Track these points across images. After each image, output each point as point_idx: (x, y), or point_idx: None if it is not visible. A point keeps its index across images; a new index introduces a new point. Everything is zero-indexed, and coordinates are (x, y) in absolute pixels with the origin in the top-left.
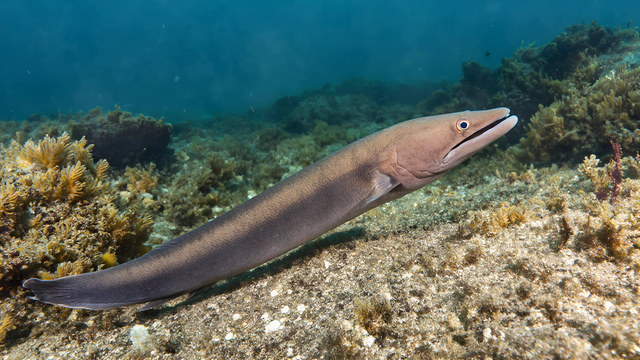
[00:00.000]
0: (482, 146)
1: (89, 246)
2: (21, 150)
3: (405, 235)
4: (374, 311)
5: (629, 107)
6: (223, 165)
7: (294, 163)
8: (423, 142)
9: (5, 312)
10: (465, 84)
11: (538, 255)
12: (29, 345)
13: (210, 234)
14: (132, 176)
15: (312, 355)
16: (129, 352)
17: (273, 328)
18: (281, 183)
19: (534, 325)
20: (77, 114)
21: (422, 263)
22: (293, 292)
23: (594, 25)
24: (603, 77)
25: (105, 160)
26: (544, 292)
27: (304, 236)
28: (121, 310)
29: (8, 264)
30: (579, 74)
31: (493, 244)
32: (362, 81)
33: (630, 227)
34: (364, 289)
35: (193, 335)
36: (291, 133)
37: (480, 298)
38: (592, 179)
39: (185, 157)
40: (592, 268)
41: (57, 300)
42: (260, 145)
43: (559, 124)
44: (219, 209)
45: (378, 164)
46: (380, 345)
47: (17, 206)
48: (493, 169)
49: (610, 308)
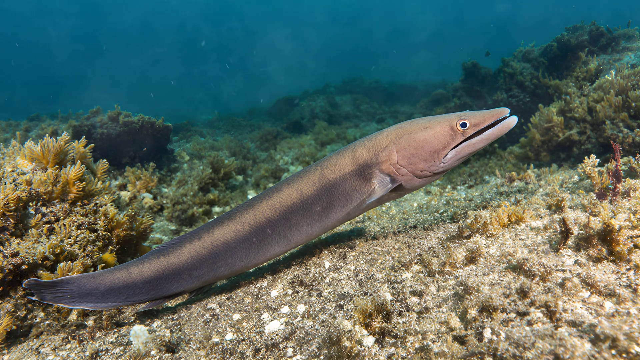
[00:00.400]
0: (482, 146)
1: (89, 246)
2: (21, 150)
3: (405, 235)
4: (374, 311)
5: (629, 107)
6: (223, 165)
7: (294, 163)
8: (423, 142)
9: (5, 312)
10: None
11: (538, 255)
12: (29, 345)
13: (210, 234)
14: (132, 176)
15: (312, 355)
16: (129, 352)
17: (273, 328)
18: (281, 183)
19: (534, 325)
20: (77, 114)
21: (422, 263)
22: (293, 292)
23: (594, 25)
24: (603, 77)
25: (105, 160)
26: (544, 292)
27: (304, 236)
28: (121, 310)
29: (8, 264)
30: (579, 74)
31: (493, 244)
32: (362, 81)
33: (630, 227)
34: (364, 289)
35: (193, 335)
36: (291, 133)
37: (480, 298)
38: (592, 179)
39: (185, 157)
40: (592, 268)
41: (57, 300)
42: (260, 145)
43: (559, 124)
44: (219, 209)
45: (378, 164)
46: (380, 345)
47: (17, 206)
48: (493, 169)
49: (610, 308)
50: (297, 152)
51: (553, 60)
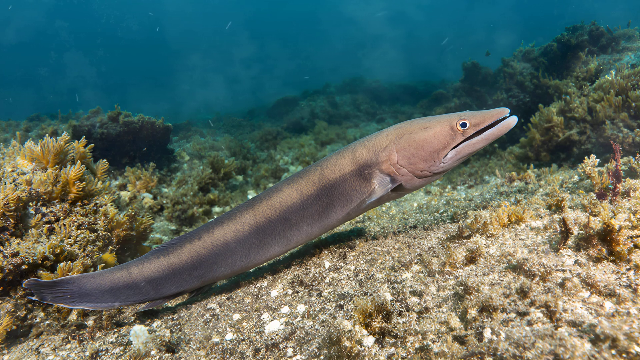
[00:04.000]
0: (482, 146)
1: (89, 246)
2: (21, 150)
3: (405, 235)
4: (374, 311)
5: (629, 107)
6: (223, 165)
7: (294, 163)
8: (423, 142)
9: (5, 312)
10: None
11: (538, 255)
12: (29, 345)
13: (210, 233)
14: (132, 176)
15: (312, 355)
16: (129, 352)
17: (273, 328)
18: (281, 183)
19: (534, 325)
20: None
21: (422, 263)
22: (293, 292)
23: (594, 25)
24: (603, 77)
25: (105, 160)
26: (544, 292)
27: (304, 236)
28: (121, 310)
29: (8, 264)
30: (579, 74)
31: (493, 244)
32: (362, 81)
33: (630, 227)
34: (364, 289)
35: (193, 335)
36: (291, 133)
37: (480, 298)
38: (592, 179)
39: (185, 157)
40: (592, 268)
41: (57, 300)
42: (260, 145)
43: (559, 124)
44: (219, 209)
45: (378, 164)
46: (380, 345)
47: (17, 206)
48: (493, 169)
49: (610, 308)
50: (297, 152)
51: (553, 60)
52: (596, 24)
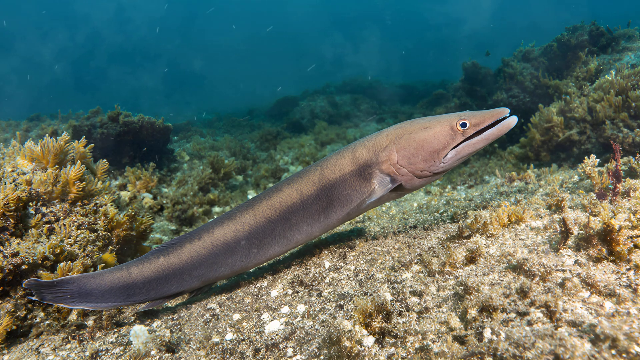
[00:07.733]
0: (482, 146)
1: (89, 246)
2: (21, 150)
3: (405, 235)
4: (374, 311)
5: (629, 107)
6: (223, 165)
7: (294, 163)
8: (423, 142)
9: (5, 312)
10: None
11: (538, 255)
12: (29, 345)
13: (210, 233)
14: (132, 176)
15: (312, 355)
16: (129, 352)
17: (273, 328)
18: (281, 183)
19: (534, 325)
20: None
21: (422, 263)
22: (293, 292)
23: (594, 25)
24: (603, 77)
25: (105, 160)
26: (544, 292)
27: (304, 236)
28: (121, 310)
29: (8, 264)
30: (579, 74)
31: (493, 244)
32: (362, 81)
33: (630, 227)
34: (364, 289)
35: (193, 335)
36: (291, 133)
37: (480, 298)
38: (592, 179)
39: (185, 157)
40: (592, 268)
41: (57, 300)
42: (260, 145)
43: (559, 124)
44: (219, 209)
45: (378, 164)
46: (380, 345)
47: (17, 206)
48: (493, 169)
49: (610, 308)
50: (297, 152)
51: (553, 60)
52: (596, 24)
